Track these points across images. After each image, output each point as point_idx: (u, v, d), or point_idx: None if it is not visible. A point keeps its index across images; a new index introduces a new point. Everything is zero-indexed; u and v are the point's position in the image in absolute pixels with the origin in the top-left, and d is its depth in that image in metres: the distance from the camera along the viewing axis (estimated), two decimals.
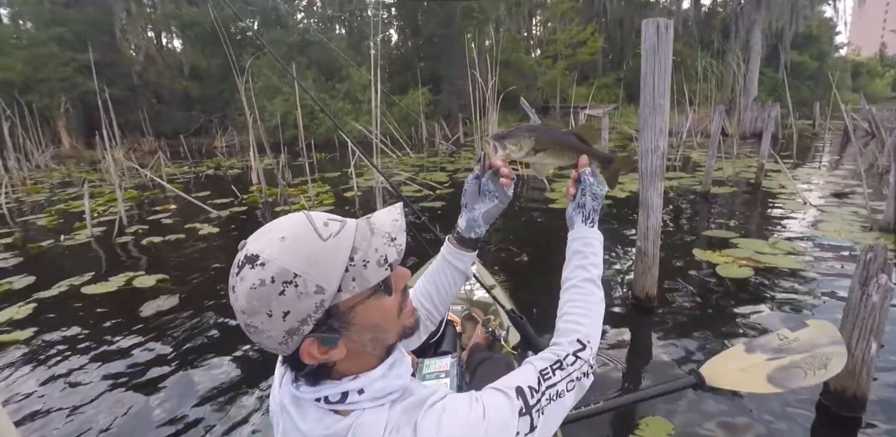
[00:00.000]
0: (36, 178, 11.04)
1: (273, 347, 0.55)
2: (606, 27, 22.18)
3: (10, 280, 3.97)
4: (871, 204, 4.73)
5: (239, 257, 0.55)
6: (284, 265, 0.51)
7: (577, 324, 0.73)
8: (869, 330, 1.67)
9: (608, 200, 6.02)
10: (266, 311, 0.51)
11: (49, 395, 2.34)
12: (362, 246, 0.56)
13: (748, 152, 10.16)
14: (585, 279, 0.78)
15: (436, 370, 1.29)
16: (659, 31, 2.34)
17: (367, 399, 0.56)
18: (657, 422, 1.89)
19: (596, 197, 0.84)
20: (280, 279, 0.51)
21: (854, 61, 31.71)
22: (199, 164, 12.40)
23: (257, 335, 0.54)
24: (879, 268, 1.65)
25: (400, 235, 0.59)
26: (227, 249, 4.88)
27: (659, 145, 2.50)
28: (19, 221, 6.45)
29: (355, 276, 0.54)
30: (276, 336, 0.53)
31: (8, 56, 15.06)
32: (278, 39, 15.85)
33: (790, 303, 2.95)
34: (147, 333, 2.94)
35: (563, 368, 0.66)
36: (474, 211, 0.86)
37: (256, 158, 7.93)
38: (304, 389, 0.58)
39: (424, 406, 0.56)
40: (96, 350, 2.75)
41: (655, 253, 2.71)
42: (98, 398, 2.28)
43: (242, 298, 0.52)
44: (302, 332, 0.53)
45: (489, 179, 0.83)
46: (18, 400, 2.31)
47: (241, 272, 0.53)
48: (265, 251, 0.53)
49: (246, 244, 0.56)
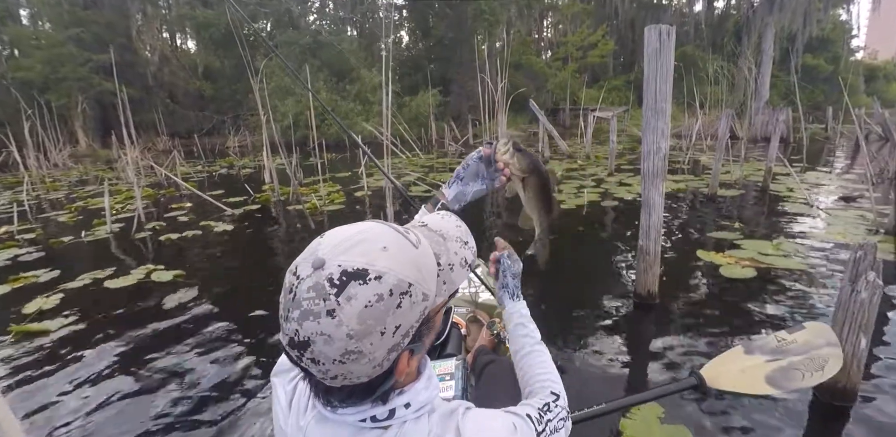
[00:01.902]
0: (54, 176, 11.32)
1: (363, 373, 0.50)
2: (617, 29, 22.18)
3: (35, 273, 4.13)
4: (878, 208, 4.76)
5: (328, 276, 0.47)
6: (400, 276, 0.49)
7: (547, 381, 0.82)
8: (858, 326, 1.74)
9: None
10: (380, 329, 0.48)
11: (66, 385, 2.44)
12: (441, 251, 0.57)
13: (758, 156, 10.14)
14: (535, 344, 0.90)
15: (441, 372, 1.31)
16: (661, 36, 2.43)
17: (411, 412, 0.56)
18: (647, 407, 1.96)
19: (515, 276, 0.98)
20: (397, 291, 0.48)
21: (870, 65, 31.33)
22: (212, 163, 12.63)
23: (354, 364, 0.48)
24: (868, 266, 1.72)
25: (470, 238, 0.62)
26: (241, 246, 5.03)
27: (661, 147, 2.58)
28: (40, 217, 6.65)
29: (445, 280, 0.55)
30: (378, 358, 0.49)
31: (28, 56, 15.46)
32: (291, 41, 16.07)
33: (790, 303, 3.01)
34: (166, 324, 3.07)
35: (550, 410, 0.73)
36: (468, 186, 0.93)
37: (269, 157, 8.09)
38: (345, 412, 0.55)
39: (459, 413, 0.58)
40: (114, 342, 2.88)
41: (657, 251, 2.79)
42: (112, 391, 2.36)
43: (353, 321, 0.46)
44: (401, 347, 0.51)
45: (493, 166, 0.92)
46: (40, 388, 2.43)
47: (347, 291, 0.47)
48: (375, 264, 0.48)
49: (325, 260, 0.48)
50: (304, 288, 0.47)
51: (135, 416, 2.15)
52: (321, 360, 0.48)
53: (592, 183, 7.38)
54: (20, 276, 4.05)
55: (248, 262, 4.54)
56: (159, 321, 3.11)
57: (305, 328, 0.47)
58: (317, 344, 0.47)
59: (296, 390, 0.64)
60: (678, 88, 14.25)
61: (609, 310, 3.05)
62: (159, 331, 2.98)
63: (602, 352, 2.52)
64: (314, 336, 0.47)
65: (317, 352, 0.47)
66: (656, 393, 1.61)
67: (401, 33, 21.30)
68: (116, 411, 2.20)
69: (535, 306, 3.06)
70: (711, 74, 15.19)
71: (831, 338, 1.73)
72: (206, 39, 17.91)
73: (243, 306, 3.31)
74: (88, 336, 2.95)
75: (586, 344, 2.61)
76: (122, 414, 2.17)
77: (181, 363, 2.58)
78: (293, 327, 0.48)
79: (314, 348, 0.47)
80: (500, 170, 0.91)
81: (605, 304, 3.16)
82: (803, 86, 18.44)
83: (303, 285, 0.48)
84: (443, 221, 0.63)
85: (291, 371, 0.67)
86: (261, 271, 4.20)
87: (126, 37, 17.03)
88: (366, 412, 0.54)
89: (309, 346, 0.47)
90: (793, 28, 18.93)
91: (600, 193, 6.67)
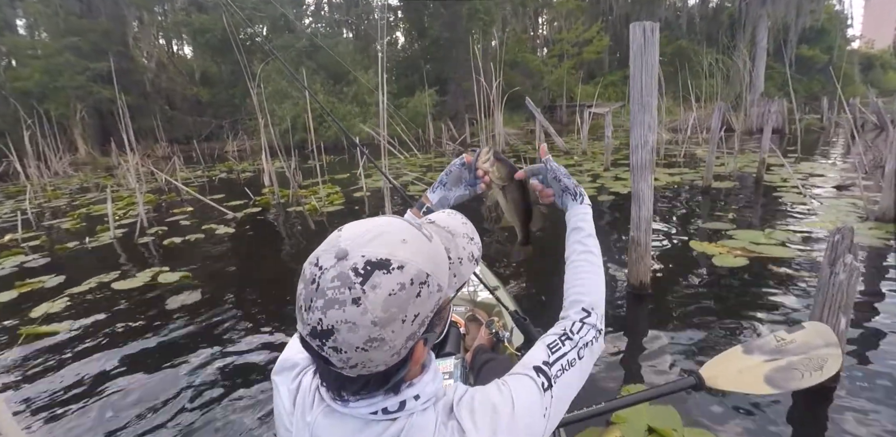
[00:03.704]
0: (55, 184, 11.42)
1: (382, 361, 0.51)
2: (612, 25, 22.21)
3: (41, 279, 4.21)
4: (870, 196, 4.81)
5: (352, 266, 0.49)
6: (420, 266, 0.51)
7: (580, 294, 0.78)
8: (838, 306, 1.81)
9: (610, 197, 6.15)
10: (402, 317, 0.50)
11: (72, 385, 2.51)
12: (451, 246, 0.59)
13: (753, 147, 10.18)
14: (583, 252, 0.84)
15: (440, 371, 1.35)
16: (645, 33, 2.49)
17: (419, 404, 0.57)
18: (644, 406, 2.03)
19: (568, 176, 0.91)
20: (417, 281, 0.51)
21: (867, 54, 31.29)
22: (211, 168, 12.72)
23: (376, 351, 0.50)
24: (846, 249, 1.79)
25: (475, 235, 0.65)
26: (244, 247, 5.11)
27: (648, 141, 2.65)
28: (44, 225, 6.74)
29: (456, 273, 0.58)
30: (398, 345, 0.51)
31: (25, 66, 15.55)
32: (287, 45, 16.15)
33: (780, 289, 3.07)
34: (172, 325, 3.14)
35: (570, 338, 0.70)
36: (450, 191, 0.97)
37: (268, 160, 8.16)
38: (356, 405, 0.56)
39: (454, 402, 0.59)
40: (121, 343, 2.95)
41: (648, 242, 2.86)
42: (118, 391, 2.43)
43: (378, 307, 0.48)
44: (417, 335, 0.52)
45: (473, 173, 0.95)
46: (47, 388, 2.51)
47: (372, 280, 0.48)
48: (396, 254, 0.51)
49: (348, 251, 0.50)
50: (328, 278, 0.49)
51: (139, 416, 2.21)
52: (344, 348, 0.49)
53: (589, 178, 7.45)
54: (27, 282, 4.13)
55: (251, 262, 4.62)
56: (165, 322, 3.18)
57: (330, 317, 0.48)
58: (341, 332, 0.48)
59: (300, 387, 0.65)
60: (674, 82, 14.39)
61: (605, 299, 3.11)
62: (165, 332, 3.05)
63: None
64: (339, 324, 0.48)
65: (340, 340, 0.48)
66: (655, 393, 1.60)
67: (396, 34, 21.39)
68: (120, 410, 2.27)
69: (532, 298, 3.16)
70: (707, 67, 15.21)
71: (830, 338, 1.74)
72: (202, 45, 17.98)
73: (249, 306, 3.39)
74: (95, 337, 3.02)
75: None
76: (125, 414, 2.24)
77: (187, 363, 2.65)
78: (316, 317, 0.49)
79: (338, 337, 0.48)
80: (479, 177, 0.94)
81: None
82: (797, 77, 18.46)
83: (327, 275, 0.49)
84: (449, 218, 0.66)
85: (294, 369, 0.68)
86: (265, 271, 4.27)
87: (123, 44, 17.11)
88: (377, 405, 0.55)
89: (332, 334, 0.48)
90: (786, 20, 18.96)
91: (597, 187, 6.73)
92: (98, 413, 2.24)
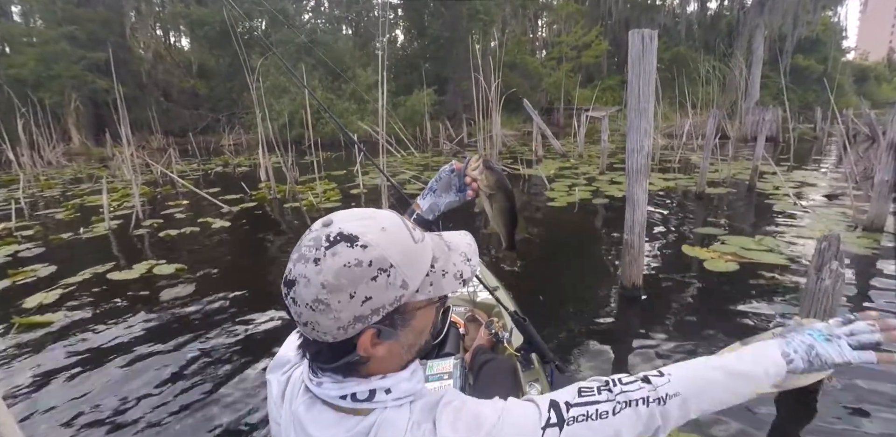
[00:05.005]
0: (48, 174, 11.32)
1: (328, 330, 0.54)
2: (611, 30, 22.34)
3: (34, 268, 4.20)
4: (859, 205, 4.91)
5: (327, 233, 0.54)
6: (385, 254, 0.53)
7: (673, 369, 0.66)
8: (823, 311, 1.87)
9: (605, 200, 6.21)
10: (350, 291, 0.52)
11: (67, 378, 2.52)
12: (441, 258, 0.60)
13: (747, 155, 10.30)
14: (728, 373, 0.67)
15: (439, 371, 1.33)
16: (644, 40, 2.54)
17: (391, 399, 0.58)
18: None
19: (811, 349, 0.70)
20: (377, 266, 0.53)
21: (861, 66, 31.69)
22: (207, 161, 12.66)
23: (321, 315, 0.53)
24: (833, 255, 1.85)
25: (474, 257, 0.64)
26: (240, 241, 5.12)
27: (644, 146, 2.70)
28: (37, 215, 6.69)
29: (433, 282, 0.58)
30: (343, 319, 0.53)
31: (20, 53, 15.37)
32: (286, 40, 16.09)
33: (768, 294, 3.14)
34: (166, 317, 3.16)
35: (610, 390, 0.62)
36: (440, 198, 0.99)
37: (266, 155, 8.15)
38: (329, 386, 0.58)
39: (440, 404, 0.58)
40: (115, 335, 2.96)
41: (641, 245, 2.91)
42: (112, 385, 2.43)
43: (329, 273, 0.52)
44: (368, 321, 0.54)
45: (461, 180, 0.98)
46: (41, 381, 2.52)
47: (335, 248, 0.53)
48: (367, 236, 0.54)
49: (333, 221, 0.56)
50: (308, 237, 0.55)
51: (130, 407, 2.23)
52: (298, 301, 0.54)
53: (584, 181, 7.51)
54: (20, 270, 4.12)
55: (247, 256, 4.63)
56: (160, 314, 3.20)
57: (296, 269, 0.54)
58: (298, 285, 0.53)
59: (289, 381, 0.68)
60: (671, 88, 14.50)
61: (596, 303, 3.18)
62: (160, 324, 3.07)
63: (587, 344, 2.64)
64: (299, 278, 0.53)
65: (297, 292, 0.53)
66: None
67: (396, 32, 21.38)
68: (112, 401, 2.28)
69: (532, 299, 3.21)
70: (703, 74, 15.36)
71: None
72: (200, 38, 17.87)
73: (243, 300, 3.41)
74: (89, 328, 3.03)
75: (574, 336, 2.73)
76: (116, 404, 2.26)
77: (180, 356, 2.66)
78: (290, 267, 0.55)
79: (296, 289, 0.53)
80: (468, 184, 0.97)
81: (592, 297, 3.28)
82: (792, 87, 18.67)
83: (309, 235, 0.56)
84: (458, 236, 0.67)
85: (285, 366, 0.71)
86: (260, 266, 4.28)
87: (120, 34, 16.96)
88: (346, 389, 0.57)
89: (294, 285, 0.54)
90: (783, 29, 19.18)
91: (592, 191, 6.80)
92: (90, 404, 2.25)
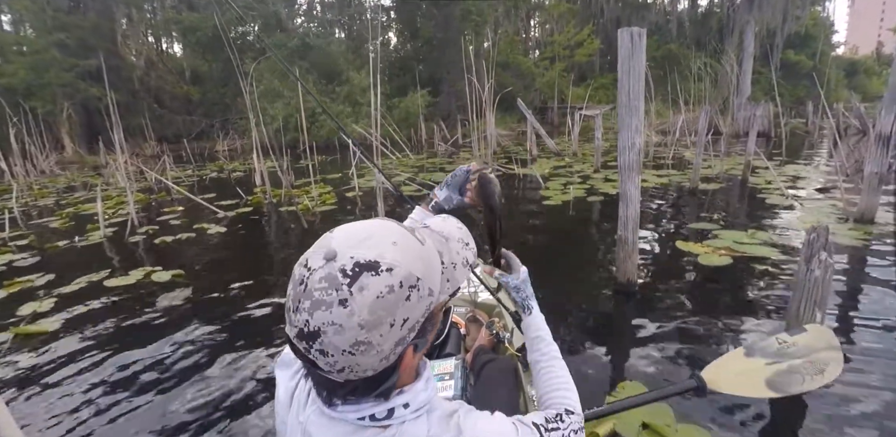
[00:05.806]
0: (42, 183, 11.27)
1: (370, 366, 0.50)
2: (604, 28, 22.45)
3: (30, 278, 4.19)
4: (850, 198, 4.95)
5: (340, 267, 0.48)
6: (410, 269, 0.50)
7: (563, 398, 0.81)
8: (814, 301, 1.89)
9: (601, 196, 6.24)
10: (390, 320, 0.49)
11: (65, 384, 2.52)
12: (444, 250, 0.59)
13: (740, 150, 10.37)
14: (553, 358, 0.89)
15: (440, 371, 1.32)
16: (633, 39, 2.57)
17: (409, 412, 0.56)
18: (631, 385, 2.11)
19: (517, 290, 0.97)
20: (407, 284, 0.50)
21: (851, 60, 31.95)
22: (202, 167, 12.64)
23: (363, 355, 0.49)
24: (822, 246, 1.87)
25: (470, 240, 0.64)
26: (236, 246, 5.12)
27: (635, 143, 2.73)
28: (32, 224, 6.67)
29: (449, 278, 0.57)
30: (385, 350, 0.50)
31: (10, 62, 15.30)
32: (279, 43, 16.11)
33: (762, 288, 3.17)
34: (164, 323, 3.16)
35: (562, 420, 0.72)
36: (454, 194, 1.02)
37: (261, 160, 8.15)
38: (345, 409, 0.56)
39: (459, 414, 0.58)
40: (114, 341, 2.96)
41: (634, 241, 2.94)
42: (110, 390, 2.44)
43: (364, 310, 0.47)
44: (406, 340, 0.51)
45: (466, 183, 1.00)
46: (35, 387, 2.52)
47: (360, 282, 0.48)
48: (385, 257, 0.49)
49: (337, 252, 0.50)
50: (315, 279, 0.48)
51: (133, 415, 2.23)
52: (330, 351, 0.48)
53: (579, 180, 7.55)
54: (15, 280, 4.11)
55: (244, 262, 4.62)
56: (157, 320, 3.20)
57: (316, 318, 0.47)
58: (327, 334, 0.47)
59: (297, 385, 0.65)
60: (663, 85, 14.59)
61: (591, 299, 3.20)
62: (158, 330, 3.06)
63: (583, 339, 2.66)
64: (325, 326, 0.47)
65: (326, 343, 0.48)
66: (656, 395, 1.60)
67: (389, 35, 21.40)
68: (111, 407, 2.28)
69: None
70: (695, 70, 15.46)
71: (832, 341, 1.73)
72: (192, 43, 17.87)
73: (242, 305, 3.41)
74: (87, 335, 3.03)
75: (570, 331, 2.75)
76: (115, 410, 2.25)
77: (178, 361, 2.67)
78: (303, 318, 0.48)
79: (324, 339, 0.47)
80: (466, 190, 0.99)
81: (588, 292, 3.30)
82: (783, 82, 18.81)
83: (314, 276, 0.48)
84: (444, 223, 0.66)
85: (293, 365, 0.68)
86: (257, 270, 4.28)
87: (111, 41, 16.92)
88: (365, 411, 0.55)
89: (319, 337, 0.48)
90: (773, 25, 19.31)
91: (586, 189, 6.83)
92: (90, 410, 2.25)
